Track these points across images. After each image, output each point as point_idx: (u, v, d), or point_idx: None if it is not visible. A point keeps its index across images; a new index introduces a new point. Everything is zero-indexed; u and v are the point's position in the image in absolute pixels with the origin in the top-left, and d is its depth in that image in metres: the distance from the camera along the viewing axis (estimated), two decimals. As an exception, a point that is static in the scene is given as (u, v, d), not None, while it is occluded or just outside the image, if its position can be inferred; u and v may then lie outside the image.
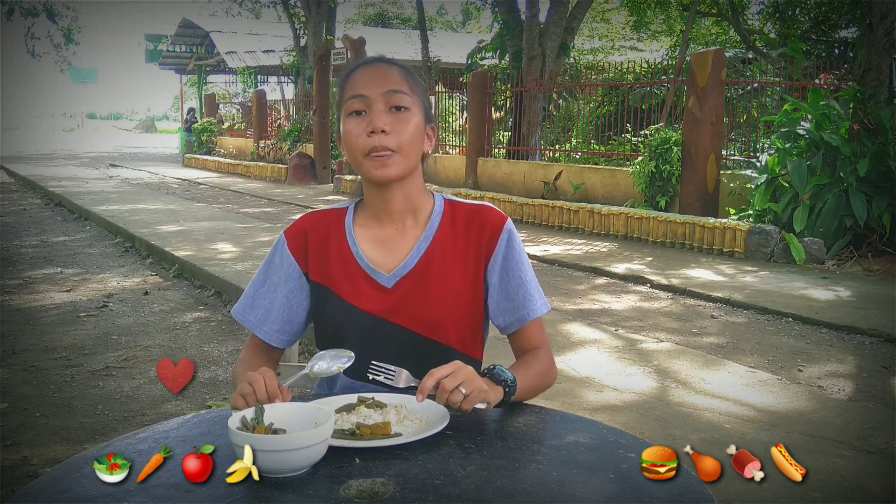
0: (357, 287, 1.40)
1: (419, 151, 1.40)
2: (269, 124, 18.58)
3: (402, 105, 1.36)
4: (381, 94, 1.35)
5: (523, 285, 1.41)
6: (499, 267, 1.41)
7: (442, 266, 1.40)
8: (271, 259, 1.46)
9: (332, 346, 1.41)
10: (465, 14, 36.95)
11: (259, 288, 1.46)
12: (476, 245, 1.41)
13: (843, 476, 2.62)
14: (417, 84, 1.41)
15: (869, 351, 4.15)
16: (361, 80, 1.37)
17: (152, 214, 9.40)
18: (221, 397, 3.45)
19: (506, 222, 1.43)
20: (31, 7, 23.80)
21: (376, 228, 1.43)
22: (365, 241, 1.42)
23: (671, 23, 19.92)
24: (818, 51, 13.17)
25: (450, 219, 1.43)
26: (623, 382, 3.58)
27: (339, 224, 1.45)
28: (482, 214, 1.43)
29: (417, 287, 1.38)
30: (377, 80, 1.36)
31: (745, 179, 7.39)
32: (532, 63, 10.86)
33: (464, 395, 1.16)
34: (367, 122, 1.34)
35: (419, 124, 1.38)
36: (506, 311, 1.42)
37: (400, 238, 1.42)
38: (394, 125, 1.34)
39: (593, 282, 5.93)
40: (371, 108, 1.35)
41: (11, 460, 2.78)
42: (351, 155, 1.38)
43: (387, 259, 1.41)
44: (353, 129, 1.35)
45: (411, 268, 1.39)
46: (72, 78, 34.23)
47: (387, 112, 1.35)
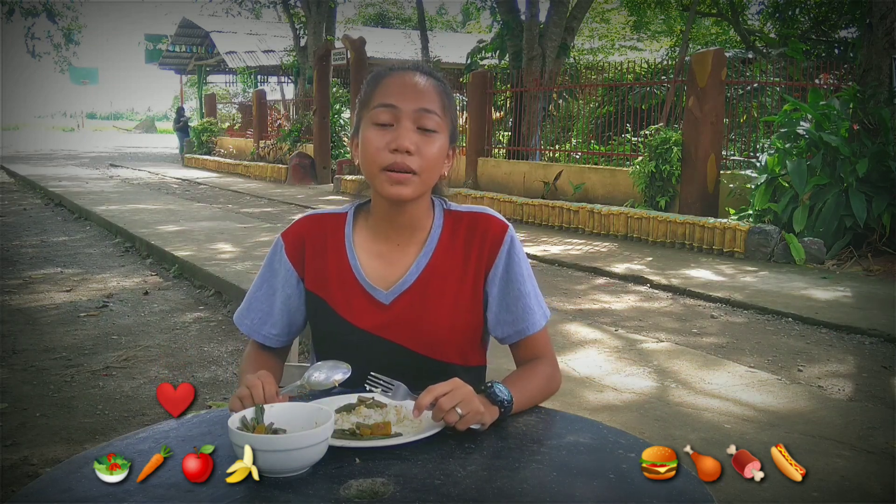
0: (352, 302, 1.37)
1: (438, 174, 1.35)
2: (269, 124, 18.59)
3: (430, 127, 1.30)
4: (412, 111, 1.29)
5: (522, 298, 1.38)
6: (499, 279, 1.38)
7: (441, 282, 1.37)
8: (269, 263, 1.44)
9: (328, 355, 1.40)
10: (465, 14, 36.95)
11: (256, 292, 1.44)
12: (477, 256, 1.38)
13: (843, 476, 2.62)
14: (450, 102, 1.36)
15: (869, 351, 4.15)
16: (395, 90, 1.31)
17: (152, 214, 9.40)
18: (221, 397, 3.45)
19: (507, 231, 1.39)
20: (31, 7, 23.81)
21: (377, 241, 1.39)
22: (364, 253, 1.39)
23: (671, 23, 19.91)
24: (818, 51, 13.17)
25: (450, 231, 1.40)
26: (623, 382, 3.58)
27: (337, 232, 1.41)
28: (483, 223, 1.39)
29: (415, 304, 1.36)
30: (411, 94, 1.30)
31: (745, 179, 7.39)
32: (532, 63, 10.86)
33: (460, 416, 1.14)
34: (392, 137, 1.28)
35: (443, 147, 1.34)
36: (504, 324, 1.39)
37: (401, 253, 1.38)
38: (419, 146, 1.29)
39: (593, 282, 5.93)
40: (399, 124, 1.29)
41: (11, 460, 2.78)
42: (366, 165, 1.31)
43: (385, 274, 1.38)
44: (376, 140, 1.29)
45: (410, 284, 1.36)
46: (72, 78, 34.28)
47: (414, 131, 1.29)
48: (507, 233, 1.39)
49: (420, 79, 1.33)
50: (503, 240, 1.38)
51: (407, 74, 1.33)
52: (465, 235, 1.39)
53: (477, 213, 1.41)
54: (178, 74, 29.70)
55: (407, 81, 1.32)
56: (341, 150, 14.80)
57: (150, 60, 29.50)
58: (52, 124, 59.23)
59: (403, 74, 1.33)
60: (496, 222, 1.39)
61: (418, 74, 1.34)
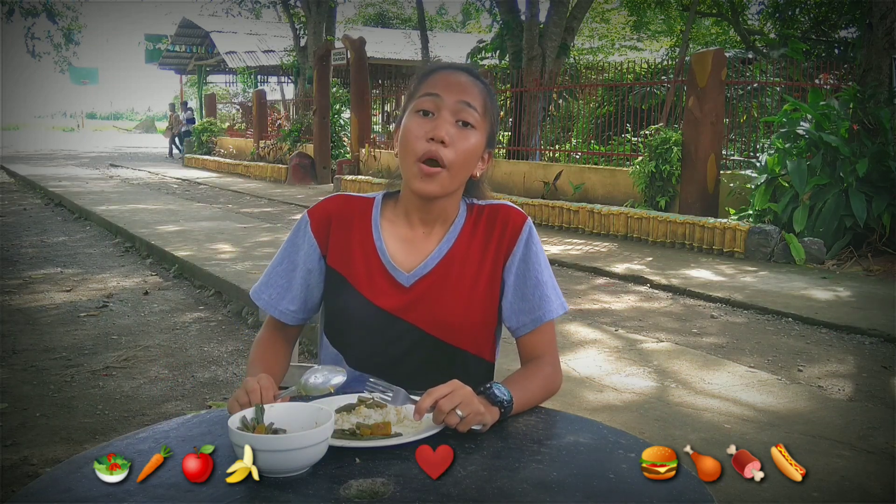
0: (374, 281, 1.39)
1: (469, 172, 1.39)
2: (269, 124, 18.59)
3: (469, 121, 1.35)
4: (454, 102, 1.34)
5: (540, 286, 1.41)
6: (516, 267, 1.41)
7: (462, 269, 1.40)
8: (294, 238, 1.45)
9: (341, 337, 1.43)
10: (465, 14, 36.96)
11: (277, 266, 1.45)
12: (496, 244, 1.42)
13: (843, 476, 2.62)
14: (493, 105, 1.41)
15: (869, 351, 4.15)
16: (441, 82, 1.36)
17: (152, 214, 9.40)
18: (221, 397, 3.45)
19: (525, 221, 1.43)
20: (31, 7, 23.84)
21: (404, 228, 1.42)
22: (390, 237, 1.42)
23: (671, 23, 19.92)
24: (818, 51, 13.18)
25: (472, 222, 1.44)
26: (623, 382, 3.58)
27: (365, 214, 1.44)
28: (502, 213, 1.44)
29: (435, 288, 1.38)
30: (456, 87, 1.35)
31: (745, 179, 7.39)
32: (532, 63, 10.86)
33: (460, 418, 1.15)
34: (431, 126, 1.33)
35: (479, 145, 1.38)
36: (520, 312, 1.41)
37: (424, 239, 1.42)
38: (455, 139, 1.33)
39: (593, 282, 5.93)
40: (439, 113, 1.33)
41: (11, 460, 2.77)
42: (403, 153, 1.36)
43: (408, 258, 1.41)
44: (416, 128, 1.33)
45: (431, 268, 1.39)
46: (72, 78, 34.28)
47: (453, 123, 1.34)
48: (525, 223, 1.43)
49: (467, 77, 1.39)
50: (522, 229, 1.42)
51: (456, 72, 1.39)
52: (485, 225, 1.44)
53: (497, 204, 1.47)
54: (178, 74, 29.71)
55: (454, 77, 1.38)
56: (341, 150, 14.80)
57: (150, 60, 29.50)
58: (52, 124, 59.15)
59: (452, 72, 1.39)
60: (515, 213, 1.44)
61: (465, 74, 1.40)
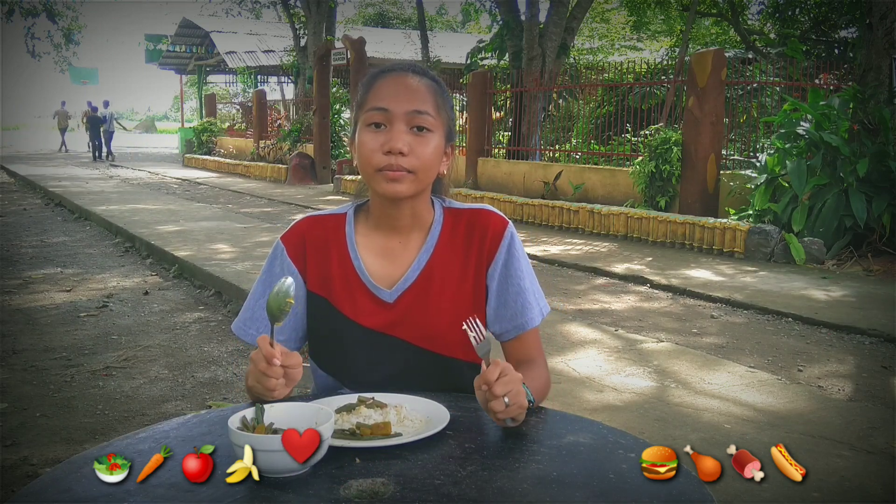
0: (357, 302, 1.37)
1: (435, 172, 1.36)
2: (269, 124, 18.59)
3: (424, 126, 1.31)
4: (404, 113, 1.29)
5: (521, 293, 1.39)
6: (498, 273, 1.39)
7: (443, 278, 1.37)
8: (270, 268, 1.41)
9: (332, 361, 1.40)
10: (465, 14, 36.93)
11: (259, 299, 1.40)
12: (477, 251, 1.39)
13: (843, 476, 2.62)
14: (445, 100, 1.37)
15: (869, 351, 4.15)
16: (387, 92, 1.31)
17: (152, 214, 9.40)
18: (221, 397, 3.45)
19: (507, 227, 1.39)
20: (31, 7, 23.84)
21: (379, 239, 1.39)
22: (367, 252, 1.39)
23: (671, 23, 19.92)
24: (818, 51, 13.18)
25: (450, 228, 1.40)
26: (623, 382, 3.58)
27: (338, 232, 1.40)
28: (483, 219, 1.40)
29: (419, 301, 1.36)
30: (403, 96, 1.31)
31: (744, 179, 7.39)
32: (532, 63, 10.86)
33: (506, 405, 1.12)
34: (385, 138, 1.29)
35: (439, 146, 1.34)
36: (502, 319, 1.40)
37: (402, 250, 1.39)
38: (413, 147, 1.30)
39: (593, 282, 5.93)
40: (392, 126, 1.29)
41: (11, 460, 2.77)
42: (362, 167, 1.33)
43: (388, 272, 1.38)
44: (370, 142, 1.30)
45: (412, 281, 1.37)
46: (72, 78, 34.22)
47: (408, 132, 1.30)
48: (507, 228, 1.40)
49: (412, 80, 1.33)
50: (503, 235, 1.39)
51: (399, 76, 1.34)
52: (465, 232, 1.40)
53: (477, 209, 1.42)
54: (178, 74, 29.69)
55: (399, 83, 1.32)
56: (341, 150, 14.80)
57: (150, 60, 29.45)
58: (53, 124, 59.14)
59: (396, 76, 1.34)
60: (496, 218, 1.40)
61: (410, 75, 1.34)
